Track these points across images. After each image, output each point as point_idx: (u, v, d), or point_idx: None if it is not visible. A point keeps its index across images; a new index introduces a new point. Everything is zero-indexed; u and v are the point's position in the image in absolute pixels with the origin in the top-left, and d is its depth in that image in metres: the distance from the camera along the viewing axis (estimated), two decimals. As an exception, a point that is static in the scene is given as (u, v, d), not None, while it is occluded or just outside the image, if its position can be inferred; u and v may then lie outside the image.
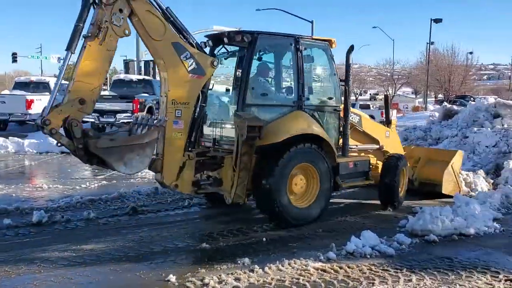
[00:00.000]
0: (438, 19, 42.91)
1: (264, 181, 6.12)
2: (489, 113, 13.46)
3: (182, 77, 5.91)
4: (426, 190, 8.53)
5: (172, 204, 7.73)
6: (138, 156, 5.34)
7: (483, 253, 5.51)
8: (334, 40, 7.19)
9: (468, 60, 52.74)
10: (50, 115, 5.13)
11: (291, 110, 6.62)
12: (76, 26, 5.25)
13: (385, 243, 5.62)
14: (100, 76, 5.43)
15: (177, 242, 5.77)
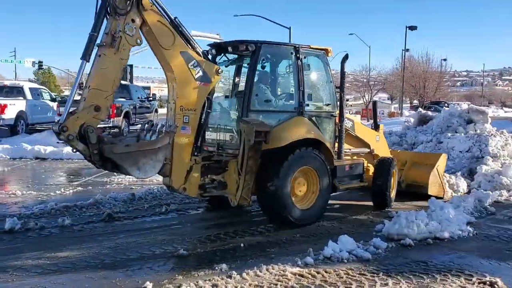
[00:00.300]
0: (413, 26, 43.64)
1: (269, 184, 6.39)
2: (462, 119, 13.74)
3: (190, 84, 6.13)
4: (413, 192, 8.91)
5: (149, 210, 7.65)
6: (151, 161, 5.60)
7: (457, 257, 5.60)
8: (330, 49, 7.54)
9: (442, 66, 53.81)
10: (67, 121, 5.30)
11: (292, 116, 6.92)
12: (91, 36, 5.44)
13: (361, 248, 5.67)
14: (114, 84, 5.62)
15: (154, 248, 5.71)
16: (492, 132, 12.74)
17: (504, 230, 6.81)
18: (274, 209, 6.59)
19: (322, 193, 6.96)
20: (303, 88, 6.99)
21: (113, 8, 5.48)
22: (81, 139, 5.38)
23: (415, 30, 43.68)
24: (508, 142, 12.39)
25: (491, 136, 12.31)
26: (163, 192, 8.71)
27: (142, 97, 20.27)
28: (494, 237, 6.49)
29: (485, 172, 10.25)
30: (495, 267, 5.29)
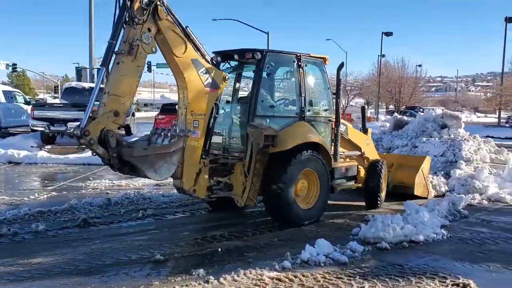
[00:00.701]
0: (389, 32, 44.35)
1: (276, 185, 6.75)
2: (437, 124, 13.99)
3: (200, 90, 6.39)
4: (400, 192, 9.30)
5: (125, 215, 7.56)
6: (166, 164, 5.84)
7: (432, 259, 5.69)
8: (328, 57, 8.02)
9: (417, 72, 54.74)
10: (89, 126, 5.49)
11: (294, 120, 7.31)
12: (110, 44, 5.63)
13: (338, 251, 5.72)
14: (132, 90, 5.83)
15: (130, 254, 5.65)
16: (466, 137, 13.01)
17: (476, 233, 6.95)
18: (279, 209, 6.91)
19: (322, 194, 7.35)
20: (304, 94, 7.38)
21: (131, 17, 5.69)
22: (100, 143, 5.56)
23: (391, 36, 44.38)
24: (480, 147, 12.68)
25: (464, 141, 12.57)
26: (140, 197, 8.62)
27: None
28: (467, 239, 6.62)
29: (458, 176, 10.45)
30: (468, 269, 5.39)
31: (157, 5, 5.90)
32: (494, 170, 11.10)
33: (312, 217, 7.27)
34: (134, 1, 5.69)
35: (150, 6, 5.81)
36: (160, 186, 10.28)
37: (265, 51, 7.06)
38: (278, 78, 7.81)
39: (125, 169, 5.84)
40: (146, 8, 5.77)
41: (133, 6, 5.69)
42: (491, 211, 8.60)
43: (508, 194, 9.60)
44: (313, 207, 7.28)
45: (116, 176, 11.58)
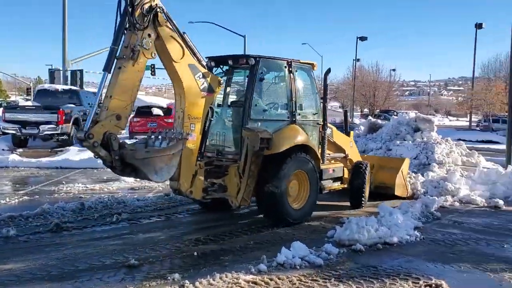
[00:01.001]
0: (364, 37, 44.93)
1: (269, 185, 6.99)
2: (410, 127, 14.23)
3: (196, 94, 6.63)
4: (381, 193, 9.66)
5: (99, 220, 7.45)
6: (167, 165, 5.91)
7: (405, 261, 5.78)
8: (316, 63, 8.41)
9: (391, 76, 55.69)
10: (93, 129, 5.61)
11: (285, 124, 7.57)
12: (112, 49, 5.80)
13: (314, 254, 5.75)
14: (133, 94, 5.97)
15: (104, 259, 5.57)
16: (438, 140, 13.27)
17: (448, 234, 7.09)
18: (273, 209, 7.16)
19: (311, 194, 7.63)
20: (295, 99, 7.66)
21: (132, 23, 5.85)
22: (103, 146, 5.67)
23: (365, 40, 44.96)
24: (452, 150, 12.95)
25: (437, 144, 12.82)
26: (114, 201, 8.51)
27: (92, 103, 19.74)
28: (440, 241, 6.74)
29: (431, 179, 10.65)
30: (440, 270, 5.49)
31: (157, 12, 6.08)
32: (465, 172, 11.35)
33: (303, 216, 7.53)
34: (136, 8, 5.84)
35: (151, 12, 5.99)
36: (135, 190, 10.17)
37: (258, 57, 7.31)
38: (270, 83, 8.00)
39: (127, 171, 5.94)
40: (146, 14, 5.94)
41: (134, 12, 5.84)
42: (463, 212, 8.79)
43: (478, 196, 9.83)
44: (304, 207, 7.55)
45: (90, 180, 11.43)
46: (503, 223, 7.97)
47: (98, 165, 13.41)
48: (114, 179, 11.39)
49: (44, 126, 16.08)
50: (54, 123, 16.08)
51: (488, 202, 9.55)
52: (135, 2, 5.86)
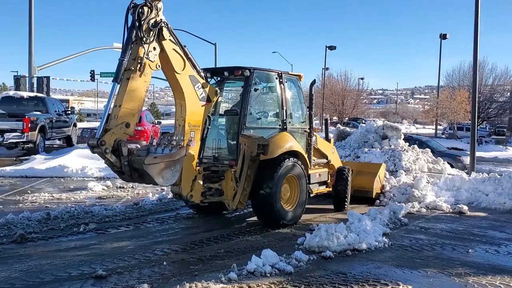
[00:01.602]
0: (333, 46, 45.51)
1: (264, 189, 7.40)
2: (378, 135, 14.48)
3: (196, 104, 7.09)
4: (360, 196, 10.18)
5: (65, 230, 7.28)
6: (171, 171, 6.23)
7: (374, 267, 5.86)
8: (302, 75, 9.04)
9: (359, 85, 56.57)
10: (105, 137, 5.94)
11: (277, 131, 8.08)
12: (121, 61, 6.11)
13: (284, 261, 5.76)
14: (140, 103, 6.36)
15: (70, 270, 5.43)
16: (405, 148, 13.55)
17: (415, 240, 7.23)
18: (267, 211, 7.55)
19: (301, 197, 8.06)
20: (285, 108, 8.19)
21: (140, 37, 6.21)
22: (113, 152, 6.00)
23: (334, 50, 45.55)
24: (419, 157, 13.25)
25: (404, 151, 13.09)
26: (81, 211, 8.32)
27: (59, 110, 19.31)
28: (407, 247, 6.86)
29: (399, 185, 10.85)
30: (408, 275, 5.59)
31: (161, 27, 6.47)
32: (431, 179, 11.61)
33: (295, 218, 7.95)
34: (143, 22, 6.22)
35: (156, 27, 6.39)
36: (103, 200, 10.00)
37: (253, 69, 7.82)
38: (263, 93, 8.51)
39: (134, 176, 6.23)
40: (152, 29, 6.33)
41: (142, 26, 6.21)
42: (429, 218, 8.98)
43: (444, 202, 10.07)
44: (295, 209, 7.97)
45: (56, 189, 11.17)
46: (467, 228, 8.18)
47: (65, 174, 13.19)
48: (81, 188, 11.16)
49: (8, 134, 15.62)
50: (20, 131, 15.67)
51: (453, 207, 9.80)
52: (142, 18, 6.21)
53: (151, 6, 6.33)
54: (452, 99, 39.40)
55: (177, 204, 9.46)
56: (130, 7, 6.24)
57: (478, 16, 14.20)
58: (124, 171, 6.16)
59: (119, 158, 6.06)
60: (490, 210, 9.99)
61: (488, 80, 43.06)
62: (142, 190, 11.28)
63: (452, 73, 46.73)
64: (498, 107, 44.79)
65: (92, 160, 15.08)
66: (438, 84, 45.30)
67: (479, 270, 5.84)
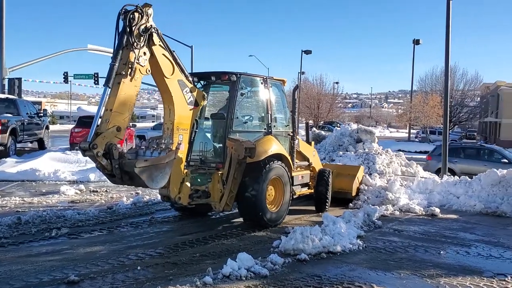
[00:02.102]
0: (308, 50, 45.82)
1: (250, 190, 7.56)
2: (352, 138, 14.66)
3: (184, 108, 7.24)
4: (339, 197, 10.44)
5: (37, 235, 7.12)
6: (161, 174, 6.34)
7: (348, 269, 5.91)
8: (286, 80, 9.41)
9: (334, 89, 57.03)
10: (97, 140, 6.00)
11: (263, 135, 8.27)
12: (112, 65, 6.21)
13: (259, 264, 5.76)
14: (130, 107, 6.46)
15: (41, 276, 5.32)
16: (379, 151, 13.74)
17: (389, 242, 7.33)
18: (253, 213, 7.73)
19: (285, 198, 8.26)
20: (270, 112, 8.41)
21: (131, 43, 6.33)
22: (104, 155, 6.06)
23: (310, 54, 45.88)
24: (392, 160, 13.44)
25: (378, 155, 13.26)
26: (53, 215, 8.16)
27: (31, 112, 18.92)
28: (381, 249, 6.95)
29: (373, 188, 10.98)
30: (382, 277, 5.66)
31: (152, 32, 6.60)
32: (405, 182, 11.79)
33: (279, 219, 8.15)
34: (134, 28, 6.33)
35: (147, 32, 6.51)
36: (75, 204, 9.82)
37: (239, 74, 8.01)
38: (249, 98, 8.66)
39: (125, 179, 6.29)
40: (143, 34, 6.45)
41: (133, 32, 6.32)
42: (402, 221, 9.12)
43: (417, 204, 10.24)
44: (279, 210, 8.16)
45: (28, 193, 10.93)
46: (439, 230, 8.34)
47: (37, 178, 12.93)
48: (53, 192, 10.95)
49: (-22, 137, 15.24)
50: None
51: (426, 210, 9.97)
52: (133, 23, 6.33)
53: (141, 12, 6.44)
54: (425, 103, 40.12)
55: (152, 208, 9.37)
56: (121, 13, 6.35)
57: (450, 23, 14.53)
58: (115, 174, 6.22)
59: (110, 161, 6.12)
60: (461, 212, 10.20)
61: (460, 85, 44.09)
62: (116, 194, 11.13)
63: (425, 78, 47.68)
64: (469, 112, 45.86)
65: (65, 164, 14.87)
66: (412, 89, 46.07)
67: (450, 271, 5.96)
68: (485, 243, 7.53)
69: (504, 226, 8.91)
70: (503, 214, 9.93)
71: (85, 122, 19.10)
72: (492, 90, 52.58)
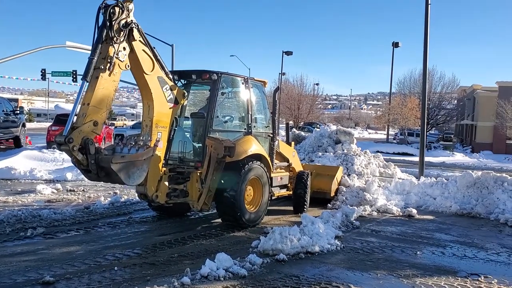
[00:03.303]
0: (289, 51, 46.00)
1: (228, 190, 7.59)
2: (331, 139, 14.77)
3: (163, 105, 7.23)
4: (319, 197, 10.59)
5: (11, 234, 6.99)
6: (139, 170, 6.34)
7: (326, 269, 5.96)
8: (267, 81, 9.46)
9: (314, 90, 57.35)
10: (73, 134, 5.96)
11: (242, 135, 8.30)
12: (91, 59, 6.18)
13: (238, 264, 5.76)
14: (108, 102, 6.43)
15: (15, 276, 5.23)
16: (357, 152, 13.87)
17: (367, 243, 7.40)
18: (231, 212, 7.73)
19: (264, 199, 8.34)
20: (251, 112, 8.44)
21: (110, 37, 6.29)
22: (80, 150, 6.01)
23: (291, 55, 46.06)
24: (370, 161, 13.59)
25: (356, 156, 13.39)
26: (29, 215, 8.02)
27: (7, 110, 18.54)
28: (359, 249, 7.02)
29: (351, 189, 11.08)
30: (359, 278, 5.72)
31: (132, 28, 6.58)
32: (382, 183, 11.93)
33: (257, 219, 8.18)
34: (114, 23, 6.30)
35: (127, 27, 6.49)
36: (51, 203, 9.67)
37: (220, 73, 8.01)
38: (229, 97, 8.67)
39: (101, 175, 6.24)
40: (123, 29, 6.42)
41: (113, 27, 6.29)
42: (380, 221, 9.22)
43: (394, 205, 10.37)
44: (258, 210, 8.20)
45: (3, 192, 10.72)
46: (416, 231, 8.46)
47: (12, 176, 12.70)
48: (29, 191, 10.76)
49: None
50: None
51: (403, 211, 10.10)
52: (113, 18, 6.31)
53: (122, 7, 6.42)
54: (403, 105, 40.59)
55: (129, 208, 9.28)
56: (102, 7, 6.32)
57: (428, 27, 14.76)
58: (91, 170, 6.17)
59: (86, 156, 6.06)
60: (437, 213, 10.37)
61: (437, 88, 44.77)
62: (93, 193, 11.00)
63: (403, 81, 48.24)
64: (446, 114, 46.57)
65: (41, 162, 14.61)
66: (390, 91, 46.57)
67: (426, 271, 6.05)
68: (460, 243, 7.67)
69: (478, 227, 9.09)
70: (477, 215, 10.13)
71: (63, 120, 18.77)
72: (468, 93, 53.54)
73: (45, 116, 69.67)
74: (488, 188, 10.65)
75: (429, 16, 14.71)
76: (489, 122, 41.91)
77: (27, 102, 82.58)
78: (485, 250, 7.29)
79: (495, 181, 10.73)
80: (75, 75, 38.76)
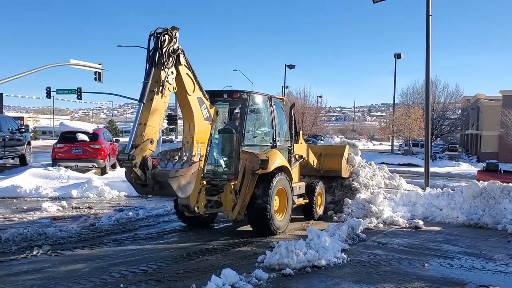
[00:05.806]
0: (292, 65, 46.23)
1: (260, 200, 8.17)
2: (336, 152, 14.66)
3: (202, 123, 7.78)
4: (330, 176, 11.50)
5: (17, 253, 6.98)
6: (188, 183, 6.91)
7: (333, 283, 5.91)
8: (284, 98, 10.60)
9: (318, 103, 57.37)
10: (134, 152, 6.57)
11: (269, 148, 8.98)
12: (146, 83, 6.77)
13: (244, 280, 5.72)
14: (160, 122, 7.07)
15: (22, 295, 5.21)
16: (362, 164, 13.79)
17: (373, 255, 7.35)
18: (262, 220, 8.29)
19: (289, 207, 8.97)
20: (275, 127, 9.14)
21: (162, 62, 6.91)
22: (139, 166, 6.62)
23: (293, 68, 46.26)
24: (376, 173, 13.50)
25: (361, 168, 13.31)
26: (34, 233, 8.03)
27: (13, 128, 18.63)
28: (365, 262, 6.96)
29: (357, 201, 11.03)
30: (366, 291, 5.66)
31: (179, 53, 7.19)
32: (388, 194, 11.87)
33: (283, 226, 8.78)
34: (165, 50, 6.92)
35: (175, 53, 7.12)
36: (57, 221, 9.68)
37: (249, 92, 8.83)
38: (257, 114, 9.43)
39: (155, 188, 6.83)
40: (172, 55, 7.05)
41: (164, 53, 6.91)
42: (386, 233, 9.16)
43: (401, 217, 10.31)
44: (284, 218, 8.84)
45: (8, 210, 10.75)
46: (423, 243, 8.40)
47: (18, 194, 12.73)
48: (35, 209, 10.77)
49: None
50: None
51: (409, 222, 10.04)
52: (164, 45, 6.92)
53: (171, 35, 7.05)
54: (407, 116, 40.60)
55: (135, 225, 9.28)
56: (154, 35, 6.97)
57: (429, 39, 14.81)
58: (148, 184, 6.77)
59: (144, 172, 6.66)
60: (444, 224, 10.30)
61: (441, 98, 44.71)
62: (99, 210, 11.01)
63: (406, 91, 48.30)
64: (451, 124, 46.47)
65: (47, 180, 14.65)
66: (394, 102, 46.60)
67: (434, 283, 5.99)
68: (467, 254, 7.60)
69: (485, 238, 9.02)
70: (484, 225, 10.05)
71: (67, 138, 18.72)
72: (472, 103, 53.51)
73: (50, 133, 70.02)
74: (495, 198, 10.59)
75: (430, 28, 14.77)
76: (494, 131, 41.81)
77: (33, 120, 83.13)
78: (493, 261, 7.22)
79: (501, 190, 10.67)
80: (79, 93, 39.05)
